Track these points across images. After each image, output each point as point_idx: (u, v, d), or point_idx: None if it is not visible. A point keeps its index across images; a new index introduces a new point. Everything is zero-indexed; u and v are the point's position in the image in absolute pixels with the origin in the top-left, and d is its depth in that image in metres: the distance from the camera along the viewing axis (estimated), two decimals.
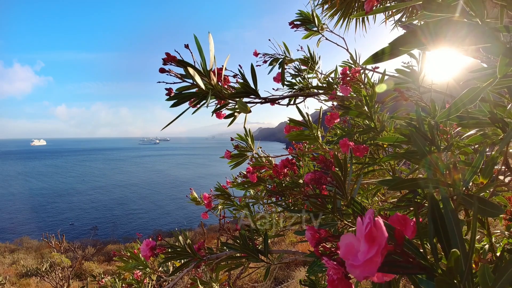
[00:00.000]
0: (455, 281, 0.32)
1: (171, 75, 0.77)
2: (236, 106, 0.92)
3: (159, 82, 0.79)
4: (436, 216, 0.36)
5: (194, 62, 0.78)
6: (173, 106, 0.81)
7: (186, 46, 0.78)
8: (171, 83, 0.79)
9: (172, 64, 0.76)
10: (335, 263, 0.42)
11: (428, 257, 0.37)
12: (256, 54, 1.82)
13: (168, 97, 0.79)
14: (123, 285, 1.92)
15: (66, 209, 28.61)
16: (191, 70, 0.74)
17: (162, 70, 0.76)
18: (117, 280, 2.00)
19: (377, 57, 0.48)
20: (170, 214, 26.80)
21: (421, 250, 0.37)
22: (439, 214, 0.36)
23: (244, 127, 1.54)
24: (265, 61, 1.81)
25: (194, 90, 0.81)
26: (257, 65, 1.72)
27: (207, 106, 0.83)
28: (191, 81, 0.78)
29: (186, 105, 0.84)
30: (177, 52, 0.77)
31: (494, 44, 0.41)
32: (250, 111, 0.87)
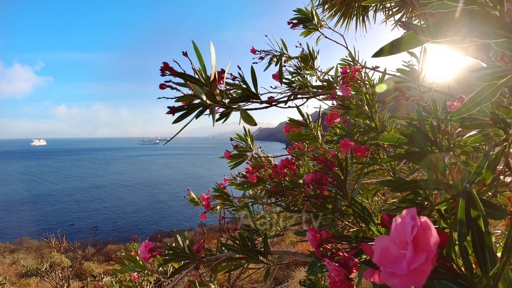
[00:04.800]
0: None
1: (172, 88, 0.74)
2: (240, 114, 0.90)
3: (159, 98, 0.76)
4: (471, 219, 0.32)
5: (194, 71, 0.76)
6: (175, 122, 0.78)
7: (185, 54, 0.75)
8: (172, 98, 0.77)
9: (169, 74, 0.74)
10: (337, 264, 0.41)
11: None
12: (253, 51, 1.81)
13: (168, 96, 0.78)
14: (122, 287, 1.92)
15: (66, 209, 28.58)
16: (194, 86, 0.73)
17: (162, 87, 0.73)
18: (114, 282, 1.99)
19: (393, 47, 0.48)
20: (172, 214, 26.80)
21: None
22: (474, 215, 0.32)
23: (244, 127, 1.54)
24: (261, 58, 1.80)
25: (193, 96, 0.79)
26: (254, 63, 1.71)
27: (213, 124, 0.81)
28: (191, 91, 0.77)
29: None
30: (176, 62, 0.74)
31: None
32: (255, 124, 0.85)
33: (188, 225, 22.15)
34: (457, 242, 0.34)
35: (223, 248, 1.21)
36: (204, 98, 0.75)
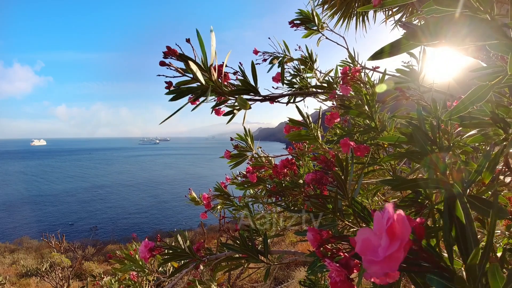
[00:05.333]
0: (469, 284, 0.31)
1: (171, 68, 0.76)
2: (236, 104, 0.91)
3: (159, 75, 0.78)
4: (453, 215, 0.35)
5: (195, 57, 0.78)
6: (172, 100, 0.81)
7: (188, 40, 0.77)
8: (171, 77, 0.79)
9: (173, 58, 0.75)
10: (337, 265, 0.41)
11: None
12: (256, 52, 1.81)
13: (167, 90, 0.79)
14: (121, 286, 1.92)
15: (66, 209, 28.57)
16: (192, 65, 0.74)
17: (162, 63, 0.75)
18: (113, 281, 1.99)
19: (393, 48, 0.48)
20: (177, 213, 26.82)
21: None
22: (455, 213, 0.35)
23: (244, 126, 1.54)
24: (264, 60, 1.80)
25: (194, 85, 0.81)
26: (256, 64, 1.72)
27: (206, 101, 0.82)
28: (191, 75, 0.78)
29: (185, 100, 0.84)
30: (178, 46, 0.76)
31: (503, 41, 0.40)
32: (250, 107, 0.87)
33: (188, 225, 22.16)
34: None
35: (224, 248, 1.21)
36: (201, 77, 0.76)
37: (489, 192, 0.69)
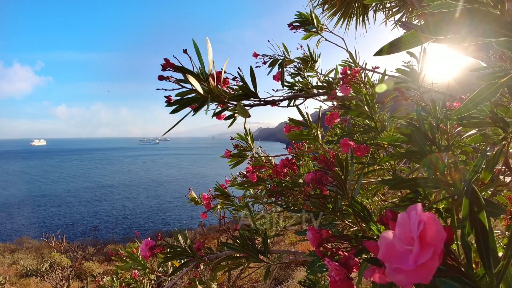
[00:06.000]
0: None
1: (170, 81, 0.77)
2: (236, 108, 0.91)
3: (158, 89, 0.78)
4: (476, 215, 0.31)
5: (193, 67, 0.78)
6: (172, 112, 0.81)
7: (185, 51, 0.77)
8: (170, 90, 0.79)
9: (171, 70, 0.76)
10: (337, 264, 0.42)
11: None
12: (255, 55, 1.82)
13: (167, 94, 0.79)
14: (122, 284, 1.92)
15: (68, 210, 28.56)
16: (190, 78, 0.74)
17: (160, 78, 0.76)
18: (114, 279, 2.00)
19: (392, 46, 0.48)
20: (176, 213, 26.82)
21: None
22: (478, 216, 0.31)
23: (244, 127, 1.54)
24: (264, 62, 1.81)
25: (193, 94, 0.81)
26: (256, 66, 1.73)
27: (206, 113, 0.82)
28: (190, 86, 0.78)
29: (187, 109, 0.84)
30: (175, 58, 0.77)
31: None
32: (249, 116, 0.87)
33: (189, 225, 22.15)
34: (458, 242, 0.34)
35: (224, 247, 1.22)
36: (199, 89, 0.76)
37: (489, 192, 0.69)
